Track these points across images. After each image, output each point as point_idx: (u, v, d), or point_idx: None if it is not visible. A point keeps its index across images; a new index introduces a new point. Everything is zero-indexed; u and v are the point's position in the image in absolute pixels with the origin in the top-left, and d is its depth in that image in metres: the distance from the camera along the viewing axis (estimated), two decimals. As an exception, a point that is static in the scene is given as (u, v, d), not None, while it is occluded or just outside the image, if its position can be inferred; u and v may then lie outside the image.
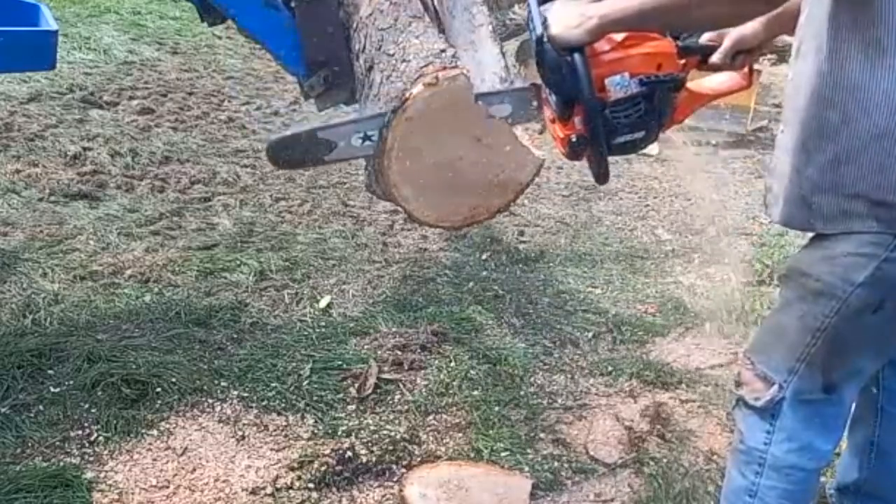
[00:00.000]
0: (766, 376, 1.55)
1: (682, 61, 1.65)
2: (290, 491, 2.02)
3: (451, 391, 2.43)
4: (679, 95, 1.64)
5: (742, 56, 1.71)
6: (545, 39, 1.50)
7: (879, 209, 1.37)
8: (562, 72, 1.51)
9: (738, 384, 1.63)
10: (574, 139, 1.59)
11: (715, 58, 1.72)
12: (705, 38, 1.73)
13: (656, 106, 1.59)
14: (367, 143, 2.00)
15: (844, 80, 1.36)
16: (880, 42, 1.31)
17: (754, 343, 1.66)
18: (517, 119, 2.02)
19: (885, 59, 1.31)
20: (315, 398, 2.35)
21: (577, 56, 1.49)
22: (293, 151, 2.05)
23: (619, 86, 1.55)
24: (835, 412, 1.57)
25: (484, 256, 3.47)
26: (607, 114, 1.56)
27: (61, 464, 2.01)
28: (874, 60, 1.32)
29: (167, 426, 2.20)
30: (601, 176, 1.64)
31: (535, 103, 1.88)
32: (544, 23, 1.51)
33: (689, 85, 1.70)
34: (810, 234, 1.52)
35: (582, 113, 1.55)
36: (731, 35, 1.70)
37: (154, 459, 2.08)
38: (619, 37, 1.56)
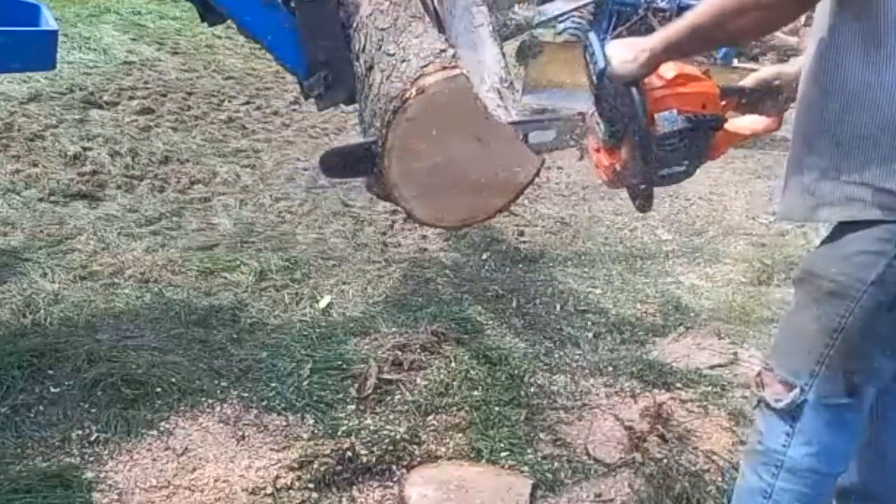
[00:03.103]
0: (787, 381, 1.54)
1: (723, 102, 1.76)
2: (290, 491, 2.02)
3: (451, 391, 2.43)
4: (717, 134, 1.75)
5: (781, 98, 1.80)
6: (606, 74, 1.60)
7: (882, 196, 1.38)
8: (620, 104, 1.62)
9: (759, 385, 1.61)
10: (618, 168, 1.71)
11: (749, 81, 1.82)
12: (746, 82, 1.84)
13: (698, 142, 1.71)
14: None
15: (845, 73, 1.39)
16: (878, 35, 1.34)
17: (773, 349, 1.65)
18: (559, 145, 2.07)
19: (883, 51, 1.34)
20: (315, 398, 2.35)
21: (634, 90, 1.60)
22: (344, 164, 2.13)
23: (667, 121, 1.66)
24: (855, 417, 1.55)
25: (484, 256, 3.47)
26: (654, 146, 1.67)
27: (61, 464, 2.01)
28: (872, 53, 1.35)
29: (167, 426, 2.20)
30: (644, 205, 1.75)
31: (578, 131, 1.96)
32: (606, 58, 1.60)
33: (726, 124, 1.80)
34: (817, 238, 1.53)
35: (631, 144, 1.66)
36: (770, 68, 1.86)
37: (154, 459, 2.08)
38: (669, 75, 1.67)
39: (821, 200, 1.45)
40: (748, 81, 1.84)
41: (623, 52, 1.60)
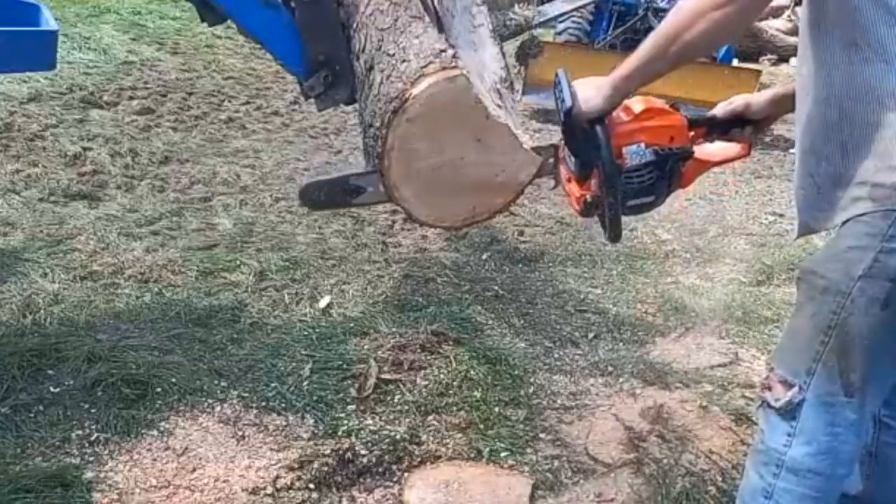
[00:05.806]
0: (786, 380, 1.55)
1: (692, 133, 1.80)
2: (290, 491, 2.01)
3: (451, 391, 2.43)
4: (686, 163, 1.79)
5: (748, 128, 1.85)
6: (573, 111, 1.64)
7: (876, 190, 1.42)
8: (585, 140, 1.68)
9: (764, 387, 1.62)
10: (588, 199, 1.76)
11: (718, 111, 1.86)
12: (715, 112, 1.87)
13: (666, 174, 1.75)
14: None
15: (833, 79, 1.45)
16: (855, 40, 1.41)
17: (775, 351, 1.67)
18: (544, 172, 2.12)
19: (861, 54, 1.40)
20: (315, 398, 2.35)
21: (598, 127, 1.66)
22: (324, 195, 2.16)
23: (635, 154, 1.71)
24: (856, 418, 1.54)
25: (484, 256, 3.47)
26: (622, 179, 1.70)
27: (61, 464, 2.01)
28: (853, 57, 1.41)
29: (167, 426, 2.20)
30: (613, 235, 1.77)
31: (551, 161, 2.02)
32: (572, 96, 1.65)
33: (696, 151, 1.83)
34: (817, 239, 1.55)
35: (599, 177, 1.70)
36: (739, 99, 1.86)
37: (154, 459, 2.08)
38: (637, 109, 1.71)
39: (837, 206, 1.48)
40: (717, 111, 1.87)
41: (587, 90, 1.65)
